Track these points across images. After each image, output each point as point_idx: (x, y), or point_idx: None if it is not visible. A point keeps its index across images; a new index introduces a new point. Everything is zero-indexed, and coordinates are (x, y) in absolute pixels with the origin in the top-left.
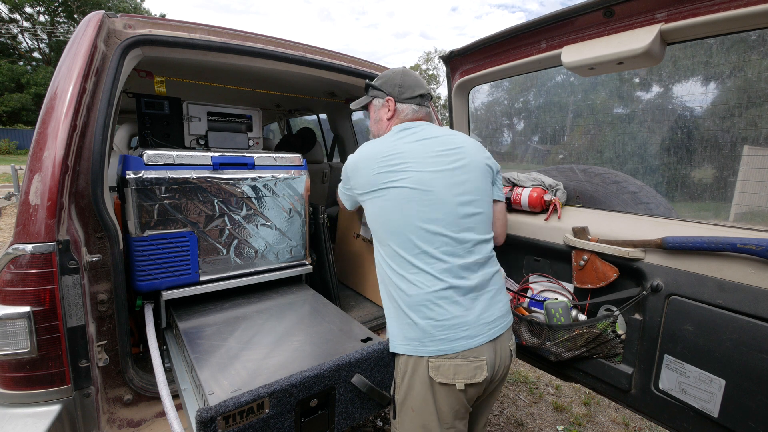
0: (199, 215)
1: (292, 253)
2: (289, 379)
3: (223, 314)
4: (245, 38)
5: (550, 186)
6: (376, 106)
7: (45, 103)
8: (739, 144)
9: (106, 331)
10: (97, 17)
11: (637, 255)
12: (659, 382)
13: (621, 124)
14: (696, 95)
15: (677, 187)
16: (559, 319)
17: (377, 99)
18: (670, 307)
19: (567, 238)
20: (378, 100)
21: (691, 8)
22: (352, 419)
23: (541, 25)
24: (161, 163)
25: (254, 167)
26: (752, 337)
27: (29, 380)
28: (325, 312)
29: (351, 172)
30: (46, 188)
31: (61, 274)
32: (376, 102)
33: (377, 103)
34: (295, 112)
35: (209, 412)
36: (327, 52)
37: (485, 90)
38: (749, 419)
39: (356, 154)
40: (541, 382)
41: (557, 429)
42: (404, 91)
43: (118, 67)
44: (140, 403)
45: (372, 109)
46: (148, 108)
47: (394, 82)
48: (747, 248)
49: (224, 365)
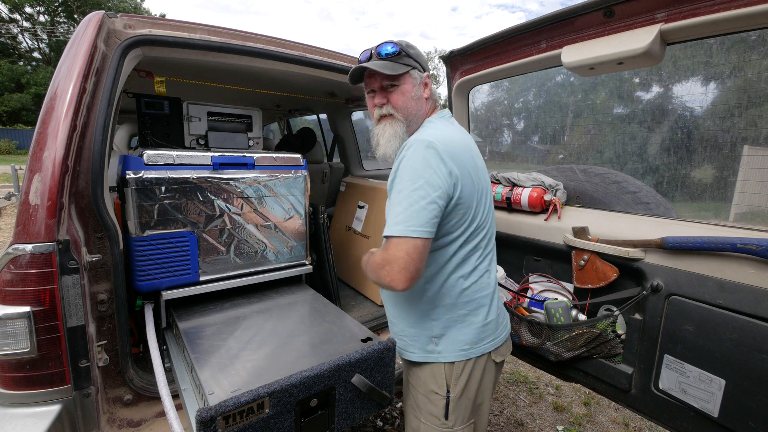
0: (199, 215)
1: (292, 253)
2: (289, 379)
3: (223, 314)
4: (245, 38)
5: (550, 186)
6: (415, 80)
7: (45, 103)
8: (739, 144)
9: (106, 331)
10: (97, 17)
11: (637, 255)
12: (659, 382)
13: (621, 124)
14: (696, 95)
15: (677, 187)
16: (559, 319)
17: (416, 72)
18: (670, 307)
19: (567, 238)
20: (417, 73)
21: (691, 8)
22: (352, 419)
23: (541, 25)
24: (161, 163)
25: (254, 167)
26: (752, 337)
27: (29, 380)
28: (325, 312)
29: (449, 158)
30: (46, 188)
31: (61, 274)
32: (415, 74)
33: (416, 77)
34: (295, 112)
35: (209, 412)
36: (327, 52)
37: (485, 90)
38: (749, 419)
39: (447, 139)
40: (541, 382)
41: (557, 429)
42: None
43: (118, 67)
44: (140, 403)
45: (408, 81)
46: (148, 108)
47: (424, 58)
48: (747, 248)
49: (224, 365)
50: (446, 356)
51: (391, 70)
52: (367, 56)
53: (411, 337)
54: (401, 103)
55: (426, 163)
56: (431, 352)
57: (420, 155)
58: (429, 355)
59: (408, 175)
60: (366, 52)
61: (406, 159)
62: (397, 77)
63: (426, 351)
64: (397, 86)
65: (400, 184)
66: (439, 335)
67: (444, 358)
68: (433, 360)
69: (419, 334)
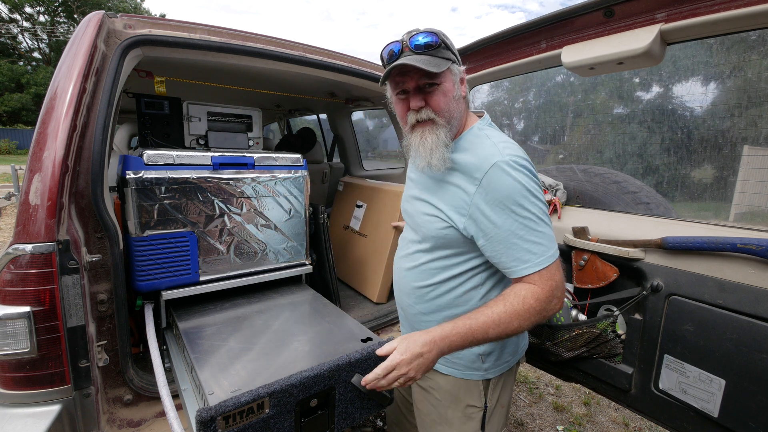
0: (199, 215)
1: (292, 253)
2: (289, 379)
3: (223, 314)
4: (245, 38)
5: (550, 186)
6: (456, 75)
7: (45, 103)
8: (739, 144)
9: (106, 331)
10: (97, 17)
11: (637, 255)
12: (659, 382)
13: (621, 124)
14: (696, 95)
15: (677, 187)
16: (559, 319)
17: (456, 66)
18: (670, 307)
19: (567, 238)
20: (456, 68)
21: (691, 8)
22: (352, 419)
23: (541, 26)
24: (161, 163)
25: (254, 167)
26: (752, 337)
27: (29, 380)
28: (325, 312)
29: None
30: (46, 188)
31: (61, 274)
32: (455, 70)
33: (456, 72)
34: (295, 112)
35: (209, 412)
36: (327, 52)
37: (485, 90)
38: (749, 419)
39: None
40: (541, 382)
41: (557, 429)
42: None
43: (118, 67)
44: (140, 403)
45: (449, 79)
46: (148, 108)
47: (455, 48)
48: (747, 248)
49: (224, 365)
50: (492, 372)
51: (435, 66)
52: (397, 49)
53: (455, 355)
54: (443, 105)
55: (537, 184)
56: (477, 370)
57: (530, 175)
58: (474, 372)
59: (530, 199)
60: (395, 45)
61: (519, 180)
62: (437, 75)
63: (471, 369)
64: (437, 85)
65: (524, 209)
66: (488, 352)
67: (490, 374)
68: (478, 377)
69: (465, 352)
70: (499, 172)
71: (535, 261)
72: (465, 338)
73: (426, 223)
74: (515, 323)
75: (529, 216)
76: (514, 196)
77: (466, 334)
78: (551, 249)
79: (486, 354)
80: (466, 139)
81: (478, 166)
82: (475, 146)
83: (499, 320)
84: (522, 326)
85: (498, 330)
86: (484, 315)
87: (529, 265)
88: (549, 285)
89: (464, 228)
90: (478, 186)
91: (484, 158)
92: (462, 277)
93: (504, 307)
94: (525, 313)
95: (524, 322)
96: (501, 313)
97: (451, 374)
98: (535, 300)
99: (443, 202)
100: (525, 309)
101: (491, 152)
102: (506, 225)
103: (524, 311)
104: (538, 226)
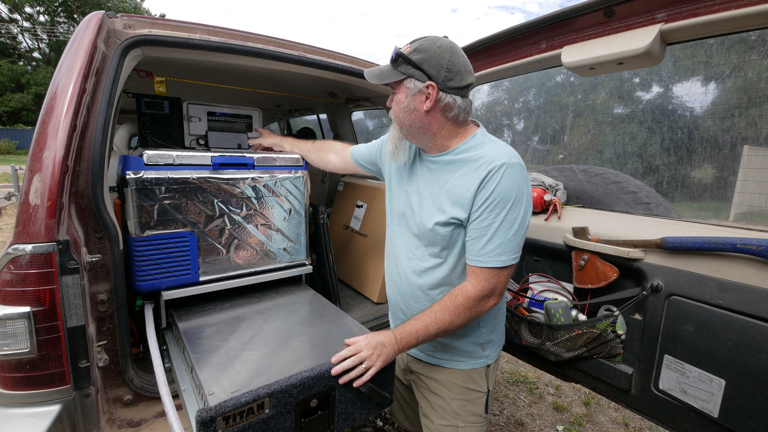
0: (199, 215)
1: (292, 253)
2: (289, 380)
3: (223, 314)
4: (245, 38)
5: (550, 186)
6: (410, 90)
7: (45, 103)
8: (739, 144)
9: (106, 331)
10: (97, 17)
11: (637, 255)
12: (659, 382)
13: (621, 124)
14: (696, 95)
15: (677, 187)
16: (559, 319)
17: (413, 80)
18: (670, 307)
19: (567, 238)
20: (414, 82)
21: (691, 8)
22: (352, 419)
23: (541, 26)
24: (161, 163)
25: (254, 167)
26: (752, 337)
27: (29, 380)
28: (325, 312)
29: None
30: (46, 188)
31: (61, 274)
32: (409, 84)
33: (411, 87)
34: (295, 112)
35: (209, 413)
36: (327, 52)
37: (485, 90)
38: (749, 419)
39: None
40: (541, 382)
41: (557, 429)
42: (452, 77)
43: (118, 67)
44: (140, 403)
45: (401, 90)
46: (148, 108)
47: (441, 63)
48: (747, 248)
49: (224, 365)
50: (492, 357)
51: (377, 78)
52: None
53: (458, 349)
54: (396, 112)
55: (524, 190)
56: (479, 358)
57: (521, 180)
58: (477, 361)
59: (508, 202)
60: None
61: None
62: (393, 84)
63: (474, 358)
64: (394, 94)
65: (500, 211)
66: (487, 341)
67: (491, 360)
68: (481, 365)
69: (467, 344)
70: (509, 170)
71: (483, 258)
72: (412, 335)
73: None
74: (447, 318)
75: (512, 219)
76: (511, 196)
77: (412, 332)
78: (505, 255)
79: (486, 343)
80: (470, 144)
81: (485, 165)
82: (481, 147)
83: (435, 317)
84: (454, 321)
85: (437, 326)
86: (425, 314)
87: (475, 258)
88: (482, 285)
89: (466, 219)
90: (484, 181)
91: (492, 159)
92: None
93: (439, 305)
94: (455, 309)
95: (456, 318)
96: (437, 311)
97: (464, 367)
98: (463, 298)
99: (449, 201)
100: (455, 306)
101: (499, 154)
102: (489, 219)
103: (454, 307)
104: (510, 231)
